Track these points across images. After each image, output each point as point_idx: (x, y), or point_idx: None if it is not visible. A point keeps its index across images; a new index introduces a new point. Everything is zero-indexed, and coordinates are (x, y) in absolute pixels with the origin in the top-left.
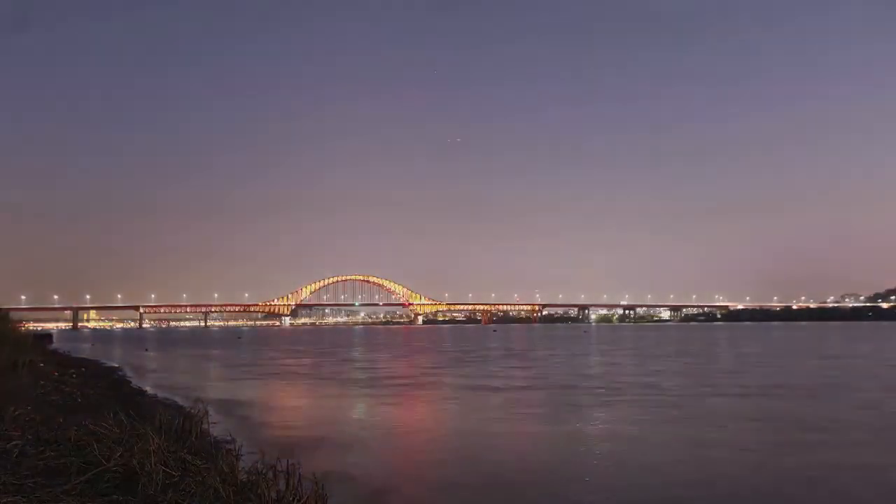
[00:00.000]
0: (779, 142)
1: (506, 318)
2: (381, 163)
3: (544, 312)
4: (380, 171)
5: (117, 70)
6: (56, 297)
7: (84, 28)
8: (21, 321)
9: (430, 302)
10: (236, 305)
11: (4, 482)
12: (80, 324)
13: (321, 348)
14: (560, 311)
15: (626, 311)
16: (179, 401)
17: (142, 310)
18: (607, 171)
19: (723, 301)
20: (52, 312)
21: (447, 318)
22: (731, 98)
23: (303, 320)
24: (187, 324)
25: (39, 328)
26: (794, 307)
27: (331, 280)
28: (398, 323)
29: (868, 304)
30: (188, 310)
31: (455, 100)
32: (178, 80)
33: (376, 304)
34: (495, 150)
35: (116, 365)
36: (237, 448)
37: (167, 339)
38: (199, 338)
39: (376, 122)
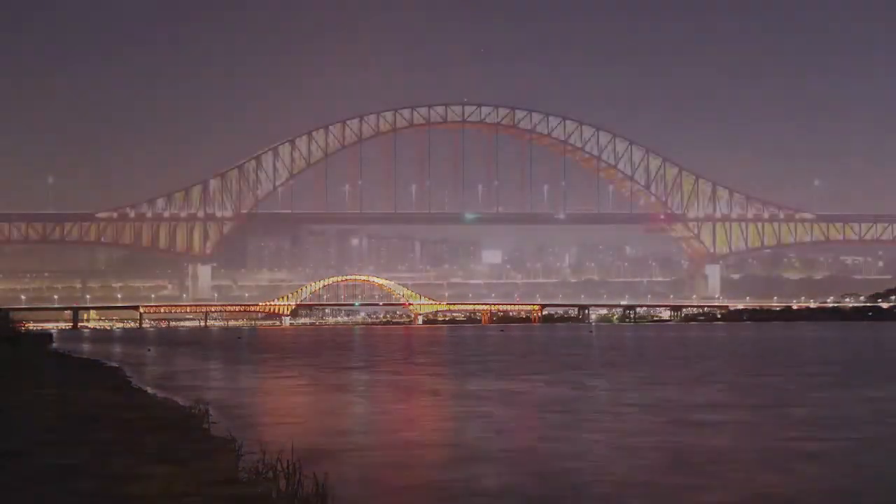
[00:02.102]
0: (777, 140)
1: (506, 318)
2: (382, 162)
3: (544, 312)
4: (381, 172)
5: (117, 71)
6: (56, 297)
7: (93, 25)
8: (21, 321)
9: (430, 302)
10: (236, 305)
11: (6, 482)
12: (80, 324)
13: (320, 348)
14: (560, 311)
15: (626, 311)
16: (180, 401)
17: (142, 310)
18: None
19: (723, 301)
20: (52, 312)
21: (447, 318)
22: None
23: (303, 320)
24: (187, 324)
25: (39, 328)
26: (794, 307)
27: (331, 280)
28: (398, 323)
29: (868, 304)
30: (188, 310)
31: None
32: (177, 83)
33: (376, 304)
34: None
35: (117, 365)
36: (237, 448)
37: (167, 339)
38: (199, 338)
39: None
